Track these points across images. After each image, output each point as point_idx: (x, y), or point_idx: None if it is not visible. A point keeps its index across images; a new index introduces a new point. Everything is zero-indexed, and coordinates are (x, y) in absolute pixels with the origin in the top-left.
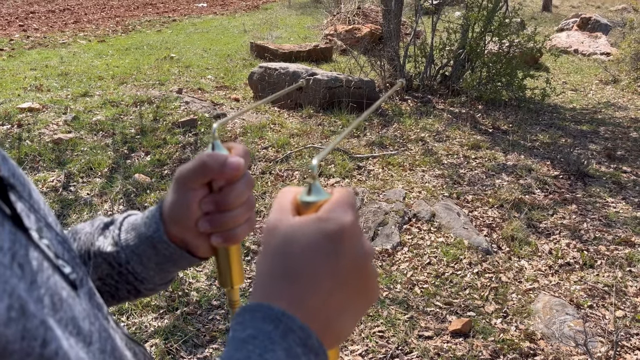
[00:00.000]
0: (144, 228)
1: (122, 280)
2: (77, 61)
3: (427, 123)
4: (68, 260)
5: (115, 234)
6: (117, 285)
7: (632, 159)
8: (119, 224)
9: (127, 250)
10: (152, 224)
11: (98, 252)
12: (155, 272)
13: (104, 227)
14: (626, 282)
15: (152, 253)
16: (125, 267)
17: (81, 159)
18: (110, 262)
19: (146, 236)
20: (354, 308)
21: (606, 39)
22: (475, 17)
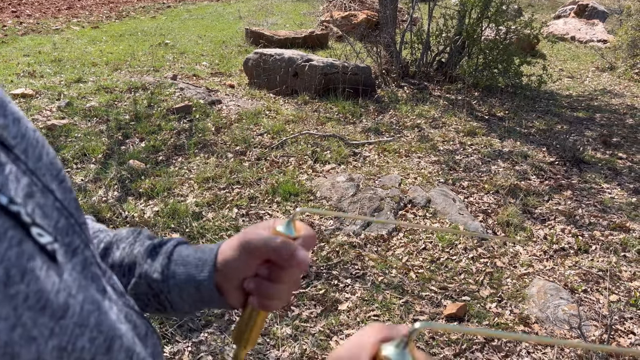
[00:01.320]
0: (194, 270)
1: (156, 301)
2: (70, 47)
3: (423, 110)
4: (62, 227)
5: (164, 263)
6: (148, 303)
7: (627, 145)
8: (169, 252)
9: (171, 282)
10: (205, 269)
11: (144, 274)
12: (189, 306)
13: (153, 251)
14: (620, 266)
15: (194, 293)
16: (165, 296)
17: (75, 145)
18: (151, 286)
19: (195, 279)
20: None
21: (603, 26)
22: (472, 3)
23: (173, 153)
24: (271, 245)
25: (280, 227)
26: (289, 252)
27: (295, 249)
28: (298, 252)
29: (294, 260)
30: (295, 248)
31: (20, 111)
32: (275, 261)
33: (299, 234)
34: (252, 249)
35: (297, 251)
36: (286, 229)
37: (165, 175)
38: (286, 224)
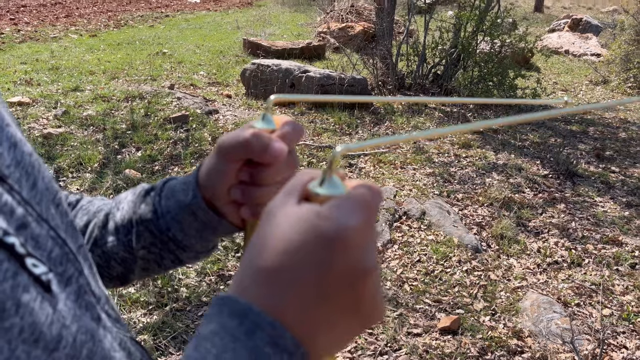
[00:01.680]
0: (182, 195)
1: (165, 248)
2: (68, 55)
3: (418, 121)
4: (56, 257)
5: (156, 200)
6: (162, 254)
7: (620, 159)
8: (159, 189)
9: (168, 217)
10: (190, 190)
11: (139, 219)
12: (196, 239)
13: (145, 194)
14: (613, 280)
15: (191, 220)
16: (167, 235)
17: (71, 154)
18: (151, 230)
19: (185, 203)
20: (345, 325)
21: (597, 40)
22: (467, 16)
23: (169, 163)
24: (241, 140)
25: (256, 123)
26: (261, 145)
27: (269, 141)
28: (273, 143)
29: (267, 154)
30: (270, 140)
31: (18, 133)
32: (253, 159)
33: (279, 125)
34: (225, 150)
35: (271, 143)
36: (263, 123)
37: None
38: (262, 117)
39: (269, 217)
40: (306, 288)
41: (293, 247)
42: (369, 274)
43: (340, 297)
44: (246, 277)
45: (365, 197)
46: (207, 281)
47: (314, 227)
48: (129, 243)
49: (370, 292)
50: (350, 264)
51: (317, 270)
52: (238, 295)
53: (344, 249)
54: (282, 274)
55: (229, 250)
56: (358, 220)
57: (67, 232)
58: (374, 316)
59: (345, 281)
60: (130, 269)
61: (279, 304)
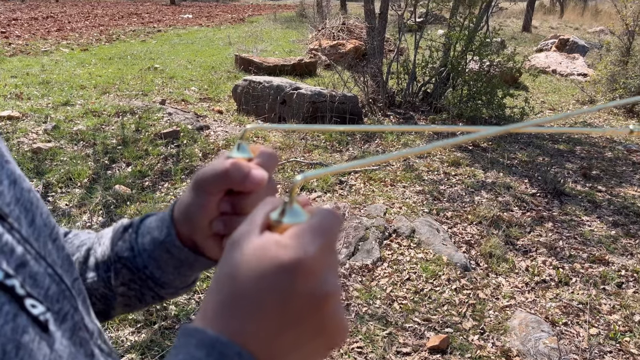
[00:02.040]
0: (157, 232)
1: (144, 285)
2: (59, 69)
3: (408, 139)
4: (53, 294)
5: (133, 238)
6: (142, 290)
7: (606, 178)
8: (136, 227)
9: (144, 255)
10: (164, 228)
11: (116, 257)
12: (174, 275)
13: (123, 231)
14: (600, 299)
15: (167, 257)
16: (144, 272)
17: (60, 169)
18: (129, 267)
19: (159, 241)
20: (312, 347)
21: (583, 60)
22: (457, 36)
23: (159, 179)
24: (220, 171)
25: (232, 153)
26: (241, 174)
27: (249, 169)
28: (253, 171)
29: (248, 182)
30: (249, 168)
31: (17, 169)
32: (233, 189)
33: (256, 154)
34: (204, 184)
35: (251, 171)
36: (239, 152)
37: (152, 201)
38: (237, 147)
39: (232, 247)
40: (270, 315)
41: (255, 276)
42: (330, 297)
43: (304, 321)
44: (212, 306)
45: (325, 223)
46: (197, 299)
47: (274, 256)
48: (109, 280)
49: (333, 314)
50: (311, 290)
51: (279, 298)
52: (205, 325)
53: (304, 276)
54: (246, 303)
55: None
56: (316, 247)
57: (62, 268)
58: (338, 337)
59: (308, 306)
60: (110, 305)
61: (245, 332)
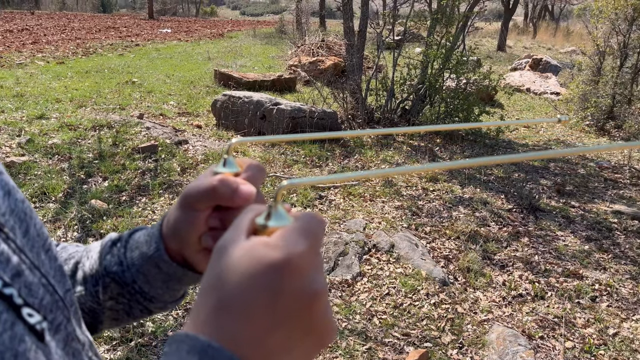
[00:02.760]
0: (145, 247)
1: (133, 299)
2: (34, 82)
3: (387, 155)
4: (47, 304)
5: (121, 252)
6: (130, 304)
7: (579, 194)
8: (124, 241)
9: (133, 269)
10: (153, 242)
11: (105, 272)
12: (163, 290)
13: (112, 245)
14: (575, 313)
15: (156, 272)
16: (133, 287)
17: (34, 183)
18: (117, 281)
19: (148, 255)
20: (303, 348)
21: (556, 80)
22: (434, 54)
23: (137, 193)
24: (208, 188)
25: (219, 168)
26: (229, 189)
27: (237, 185)
28: (241, 187)
29: (237, 197)
30: (237, 183)
31: (11, 181)
32: (222, 205)
33: (243, 168)
34: (192, 200)
35: (239, 186)
36: (226, 168)
37: (128, 216)
38: (222, 162)
39: (219, 253)
40: (261, 315)
41: (244, 278)
42: (319, 296)
43: (294, 320)
44: (202, 312)
45: (310, 225)
46: (174, 315)
47: (263, 256)
48: (97, 294)
49: (322, 312)
50: (299, 288)
51: (269, 298)
52: (196, 330)
53: (293, 274)
54: (237, 305)
55: (197, 284)
56: (304, 247)
57: (55, 278)
58: (327, 336)
59: (297, 304)
60: (98, 319)
61: (236, 335)
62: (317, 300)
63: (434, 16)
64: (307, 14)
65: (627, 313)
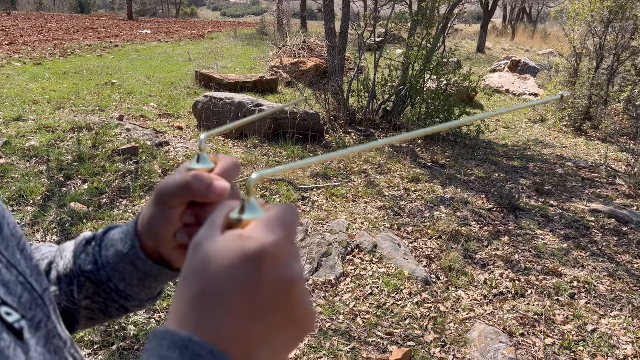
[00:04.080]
0: (120, 245)
1: (109, 298)
2: (10, 84)
3: (369, 156)
4: (26, 302)
5: (96, 251)
6: (106, 303)
7: (558, 193)
8: (99, 240)
9: (108, 268)
10: (128, 240)
11: (80, 271)
12: (139, 288)
13: (86, 244)
14: (554, 310)
15: (131, 270)
16: (109, 285)
17: (12, 186)
18: (93, 280)
19: (123, 253)
20: (283, 338)
21: (534, 81)
22: (415, 56)
23: (118, 196)
24: (182, 184)
25: (192, 164)
26: (203, 185)
27: (211, 180)
28: (215, 182)
29: (211, 193)
30: (211, 179)
31: None
32: (196, 201)
33: (217, 164)
34: (166, 197)
35: (213, 182)
36: (200, 164)
37: (109, 219)
38: (196, 159)
39: (195, 249)
40: (240, 307)
41: (222, 271)
42: (296, 283)
43: (273, 310)
44: (181, 307)
45: (283, 215)
46: (157, 318)
47: (239, 247)
48: (72, 293)
49: (300, 301)
50: (276, 277)
51: (247, 288)
52: (176, 326)
53: (269, 263)
54: (215, 299)
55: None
56: (278, 236)
57: (33, 277)
58: (307, 325)
59: (275, 293)
60: (74, 319)
61: (216, 328)
62: (294, 288)
63: (414, 18)
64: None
65: (605, 310)
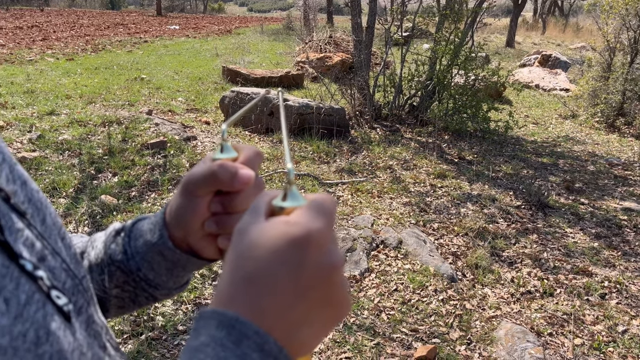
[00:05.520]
0: (149, 235)
1: (138, 287)
2: (44, 79)
3: (395, 151)
4: (69, 288)
5: (126, 241)
6: (135, 292)
7: (589, 191)
8: (128, 230)
9: (137, 257)
10: (156, 230)
11: (110, 260)
12: (167, 277)
13: (116, 234)
14: (584, 310)
15: (160, 259)
16: (137, 275)
17: (45, 179)
18: (123, 269)
19: (151, 243)
20: (321, 320)
21: (565, 76)
22: (442, 50)
23: (146, 189)
24: (208, 174)
25: (216, 154)
26: (229, 174)
27: (236, 170)
28: (240, 171)
29: (237, 182)
30: (236, 168)
31: (25, 172)
32: (222, 189)
33: (240, 153)
34: (192, 187)
35: (238, 170)
36: (223, 154)
37: (138, 211)
38: (220, 148)
39: (241, 234)
40: (285, 290)
41: (268, 254)
42: (337, 268)
43: (314, 292)
44: (227, 289)
45: (324, 203)
46: (184, 309)
47: (284, 233)
48: (102, 282)
49: (339, 284)
50: (320, 261)
51: (292, 271)
52: (222, 307)
53: (314, 248)
54: (261, 281)
55: (206, 278)
56: (322, 223)
57: (72, 264)
58: (344, 308)
59: (317, 277)
60: (105, 307)
61: (261, 310)
62: (335, 272)
63: (442, 12)
64: (314, 10)
65: (636, 310)
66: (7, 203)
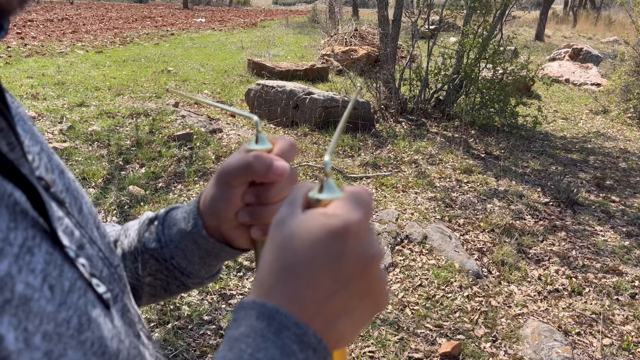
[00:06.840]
0: (183, 224)
1: (171, 275)
2: (74, 71)
3: (420, 146)
4: (106, 277)
5: (159, 230)
6: (168, 280)
7: (620, 189)
8: (162, 219)
9: (171, 245)
10: (191, 219)
11: (144, 248)
12: (200, 266)
13: (149, 223)
14: (613, 310)
15: (194, 248)
16: (171, 263)
17: (75, 169)
18: (156, 257)
19: (186, 232)
20: (360, 311)
21: (597, 70)
22: (470, 43)
23: (173, 180)
24: (243, 164)
25: (251, 145)
26: (264, 165)
27: (271, 161)
28: (275, 162)
29: (272, 173)
30: (271, 160)
31: (62, 162)
32: (257, 180)
33: (275, 145)
34: (227, 177)
35: (274, 162)
36: (258, 145)
37: (165, 202)
38: (254, 139)
39: (279, 226)
40: (324, 281)
41: (307, 245)
42: (376, 260)
43: (353, 283)
44: (267, 280)
45: (361, 195)
46: (209, 300)
47: (323, 224)
48: (136, 270)
49: (377, 276)
50: (359, 252)
51: (331, 262)
52: (262, 298)
53: (353, 239)
54: (301, 272)
55: (231, 269)
56: (360, 215)
57: (107, 253)
58: (382, 299)
59: (357, 268)
60: (137, 295)
61: (300, 300)
62: (374, 263)
63: (470, 5)
64: (340, 3)
65: None
66: (47, 192)
